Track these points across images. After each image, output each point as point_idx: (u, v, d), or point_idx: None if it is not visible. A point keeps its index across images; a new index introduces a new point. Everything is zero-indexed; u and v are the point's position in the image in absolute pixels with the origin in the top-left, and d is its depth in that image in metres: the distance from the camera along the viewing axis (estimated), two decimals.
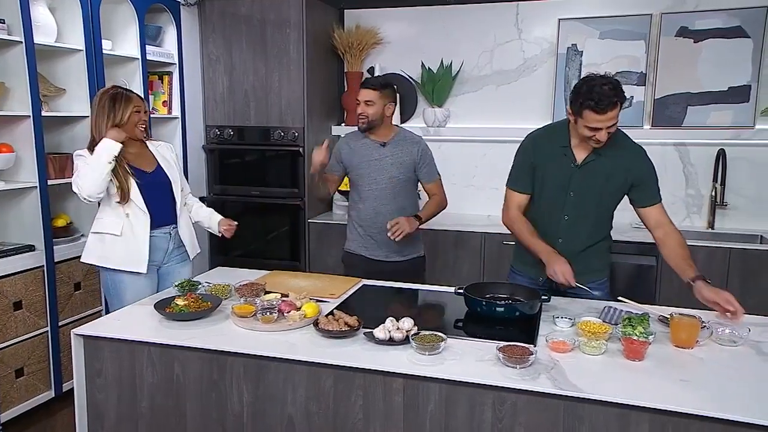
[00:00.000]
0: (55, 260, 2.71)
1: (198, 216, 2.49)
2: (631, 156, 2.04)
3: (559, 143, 2.06)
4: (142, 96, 2.64)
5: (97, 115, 2.24)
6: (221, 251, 3.80)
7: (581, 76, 3.41)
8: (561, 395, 1.39)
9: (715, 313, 1.86)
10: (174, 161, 2.43)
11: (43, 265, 2.65)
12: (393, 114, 2.59)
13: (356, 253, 2.67)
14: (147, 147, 2.38)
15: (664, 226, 2.06)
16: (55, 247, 2.70)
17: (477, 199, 3.77)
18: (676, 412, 1.31)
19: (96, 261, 2.29)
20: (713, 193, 3.34)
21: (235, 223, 2.47)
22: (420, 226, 2.55)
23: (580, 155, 2.04)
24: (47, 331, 2.70)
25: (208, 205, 2.60)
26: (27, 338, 2.62)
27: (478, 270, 3.37)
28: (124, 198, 2.22)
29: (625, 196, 2.13)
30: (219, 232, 2.45)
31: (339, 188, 2.85)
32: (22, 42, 2.49)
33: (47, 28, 2.64)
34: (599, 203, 2.07)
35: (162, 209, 2.32)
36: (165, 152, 2.42)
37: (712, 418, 1.28)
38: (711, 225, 3.37)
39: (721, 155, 3.26)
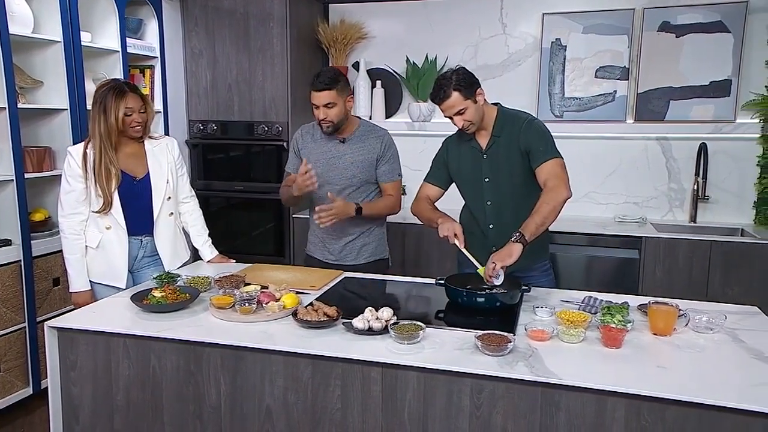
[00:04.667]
0: (33, 255, 2.66)
1: (191, 236, 2.44)
2: (518, 127, 2.09)
3: (465, 138, 2.18)
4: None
5: (92, 114, 2.13)
6: None
7: (564, 71, 3.51)
8: (538, 382, 1.39)
9: None
10: (169, 164, 2.29)
11: (20, 260, 2.61)
12: (353, 105, 2.36)
13: (314, 256, 2.49)
14: (144, 146, 2.26)
15: (546, 183, 2.00)
16: (32, 242, 2.66)
17: None
18: (651, 397, 1.31)
19: None
20: (695, 187, 3.37)
21: (233, 261, 2.47)
22: (362, 215, 2.30)
23: (482, 143, 2.15)
24: (24, 327, 2.66)
25: None
26: (3, 334, 2.57)
27: (449, 266, 3.37)
28: (104, 210, 2.13)
29: None
30: (207, 260, 2.45)
31: None
32: None
33: (24, 19, 2.59)
34: (512, 183, 2.13)
35: (138, 219, 2.22)
36: (160, 154, 2.28)
37: (687, 402, 1.29)
38: (693, 219, 3.40)
39: (703, 149, 3.29)
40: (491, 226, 2.19)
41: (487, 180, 2.15)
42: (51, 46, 2.74)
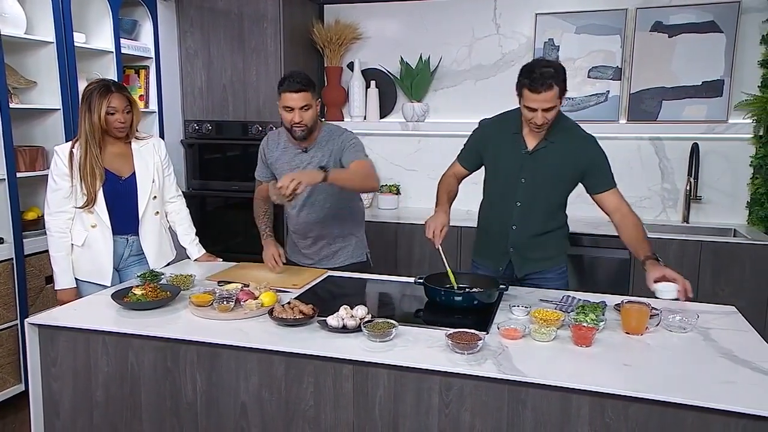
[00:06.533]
0: (25, 253, 2.70)
1: (178, 235, 2.45)
2: (581, 144, 2.05)
3: (511, 130, 2.09)
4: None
5: (79, 112, 2.17)
6: None
7: None
8: (505, 380, 1.39)
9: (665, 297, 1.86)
10: (156, 164, 2.30)
11: (12, 258, 2.65)
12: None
13: (291, 260, 2.47)
14: (131, 146, 2.27)
15: (620, 210, 2.06)
16: (25, 240, 2.70)
17: None
18: (614, 394, 1.31)
19: None
20: (688, 188, 3.35)
21: (220, 259, 2.47)
22: (330, 182, 1.99)
23: (531, 142, 2.06)
24: (16, 325, 2.69)
25: (188, 201, 2.52)
26: None
27: (455, 264, 3.38)
28: (88, 205, 2.16)
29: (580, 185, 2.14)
30: (194, 258, 2.46)
31: None
32: None
33: (16, 20, 2.62)
34: (551, 190, 2.09)
35: (123, 218, 2.24)
36: (147, 155, 2.29)
37: (649, 399, 1.29)
38: (686, 219, 3.38)
39: (695, 149, 3.27)
40: (514, 227, 2.13)
41: (524, 180, 2.07)
42: (44, 46, 2.78)
